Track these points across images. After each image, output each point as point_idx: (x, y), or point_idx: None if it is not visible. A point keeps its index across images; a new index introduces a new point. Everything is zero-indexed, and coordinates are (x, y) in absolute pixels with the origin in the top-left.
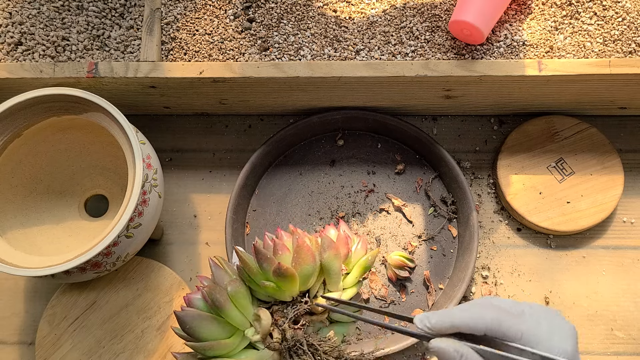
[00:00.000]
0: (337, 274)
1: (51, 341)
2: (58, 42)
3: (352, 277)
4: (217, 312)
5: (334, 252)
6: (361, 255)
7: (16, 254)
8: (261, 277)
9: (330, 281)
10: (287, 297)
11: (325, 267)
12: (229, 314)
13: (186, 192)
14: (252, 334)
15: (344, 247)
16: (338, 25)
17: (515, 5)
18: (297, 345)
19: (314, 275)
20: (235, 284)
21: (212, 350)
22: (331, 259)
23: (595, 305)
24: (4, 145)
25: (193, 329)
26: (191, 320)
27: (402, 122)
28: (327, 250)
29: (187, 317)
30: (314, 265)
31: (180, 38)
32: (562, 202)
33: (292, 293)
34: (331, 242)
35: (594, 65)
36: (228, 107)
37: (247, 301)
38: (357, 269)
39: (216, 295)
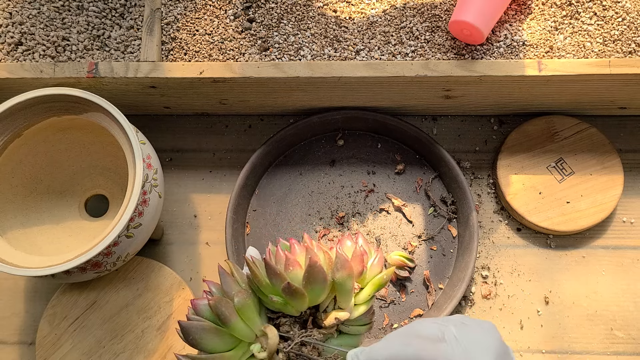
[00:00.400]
0: (348, 292)
1: (51, 341)
2: (58, 42)
3: (365, 294)
4: (222, 325)
5: (348, 272)
6: (376, 272)
7: (16, 254)
8: (270, 290)
9: (341, 299)
10: (294, 313)
11: (338, 286)
12: (235, 327)
13: (186, 192)
14: (258, 350)
15: (358, 265)
16: (338, 25)
17: (515, 6)
18: None
19: (324, 293)
20: (243, 295)
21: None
22: (344, 279)
23: (595, 305)
24: (4, 145)
25: (196, 340)
26: (195, 332)
27: (402, 122)
28: (341, 270)
29: (192, 328)
30: (325, 286)
31: (180, 38)
32: (561, 202)
33: (301, 308)
34: (345, 262)
35: (593, 65)
36: (228, 107)
37: (255, 313)
38: (371, 287)
39: (222, 309)
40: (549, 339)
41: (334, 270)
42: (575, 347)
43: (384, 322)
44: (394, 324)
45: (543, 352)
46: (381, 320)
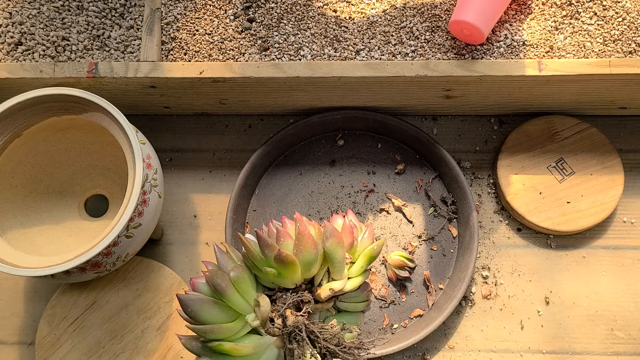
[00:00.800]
0: (340, 262)
1: (51, 341)
2: (58, 42)
3: (358, 266)
4: (219, 297)
5: (337, 240)
6: (367, 245)
7: (16, 254)
8: (263, 263)
9: (334, 270)
10: (289, 285)
11: (328, 255)
12: (231, 298)
13: (186, 192)
14: (252, 319)
15: (348, 236)
16: (338, 25)
17: (515, 5)
18: (296, 332)
19: (316, 263)
20: (239, 270)
21: (213, 334)
22: (334, 247)
23: (596, 305)
24: (4, 145)
25: (195, 312)
26: (193, 304)
27: (402, 122)
28: (330, 239)
29: (189, 300)
30: (315, 254)
31: (180, 38)
32: (562, 202)
33: (294, 280)
34: (334, 231)
35: (594, 65)
36: (228, 107)
37: (250, 287)
38: (363, 259)
39: (217, 280)
40: (550, 339)
41: (323, 239)
42: (575, 348)
43: (384, 323)
44: (394, 324)
45: (544, 352)
46: (381, 320)
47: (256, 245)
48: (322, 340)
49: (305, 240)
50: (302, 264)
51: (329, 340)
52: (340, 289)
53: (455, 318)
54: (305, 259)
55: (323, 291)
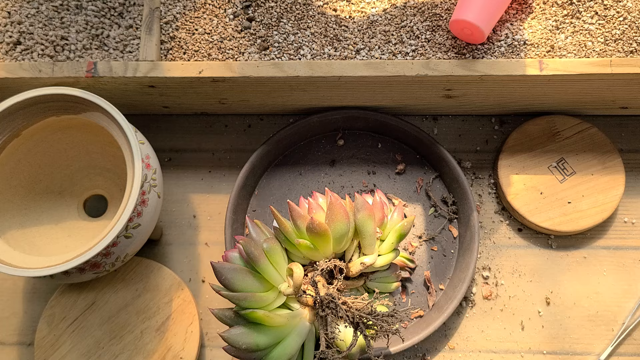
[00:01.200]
0: (371, 235)
1: (50, 342)
2: (57, 42)
3: (388, 243)
4: (252, 267)
5: (368, 212)
6: (397, 222)
7: (15, 254)
8: (296, 235)
9: (364, 243)
10: (321, 258)
11: (360, 228)
12: (264, 268)
13: (185, 192)
14: (285, 288)
15: (379, 211)
16: (338, 24)
17: (516, 5)
18: (330, 299)
19: (348, 235)
20: (271, 241)
21: (247, 301)
22: (365, 219)
23: (596, 305)
24: (3, 145)
25: (229, 280)
26: (227, 272)
27: (403, 122)
28: (361, 211)
29: (224, 268)
30: (347, 224)
31: (179, 37)
32: (563, 202)
33: (326, 253)
34: (365, 203)
35: (595, 65)
36: (228, 107)
37: (282, 259)
38: (393, 235)
39: (251, 249)
40: (550, 339)
41: (354, 211)
42: (576, 348)
43: None
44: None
45: (544, 352)
46: None
47: (289, 221)
48: (355, 309)
49: (337, 210)
50: (335, 234)
51: (361, 309)
52: (371, 263)
53: (456, 319)
54: (338, 230)
55: (354, 265)
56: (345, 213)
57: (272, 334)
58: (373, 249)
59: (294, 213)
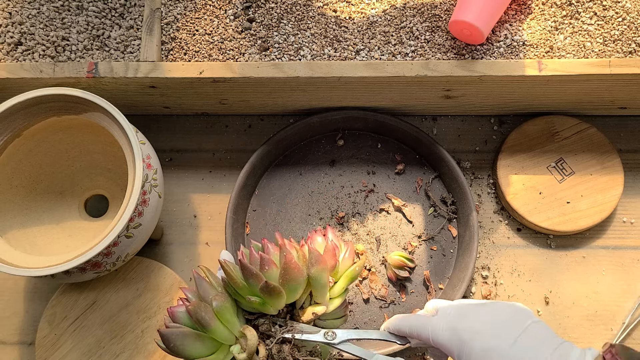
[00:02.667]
0: (324, 286)
1: (51, 341)
2: (58, 42)
3: (339, 287)
4: (202, 330)
5: (322, 266)
6: (348, 265)
7: (16, 254)
8: (247, 292)
9: (317, 294)
10: (272, 311)
11: (313, 281)
12: (215, 330)
13: (186, 192)
14: (238, 352)
15: (331, 259)
16: (338, 25)
17: (515, 5)
18: None
19: (301, 288)
20: (221, 298)
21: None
22: (319, 272)
23: (595, 305)
24: (4, 145)
25: (177, 347)
26: (176, 339)
27: (402, 122)
28: (315, 265)
29: (172, 335)
30: (301, 280)
31: (180, 38)
32: (562, 202)
33: (278, 307)
34: (319, 257)
35: (594, 65)
36: (228, 107)
37: (233, 316)
38: (344, 280)
39: (201, 314)
40: None
41: (308, 265)
42: None
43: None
44: None
45: None
46: (381, 320)
47: (238, 271)
48: None
49: (292, 270)
50: (288, 291)
51: None
52: (323, 312)
53: None
54: (292, 287)
55: (306, 315)
56: (300, 271)
57: None
58: (325, 298)
59: (247, 272)
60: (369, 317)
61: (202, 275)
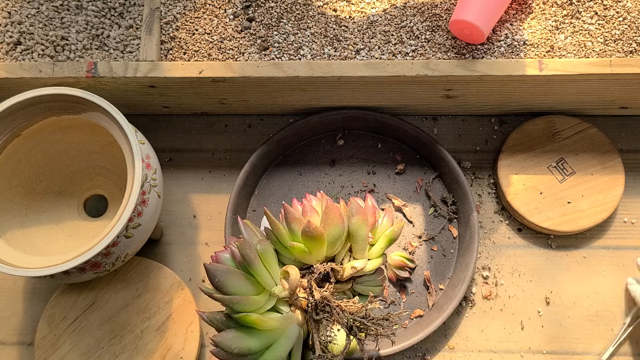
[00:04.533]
0: (364, 240)
1: (50, 341)
2: (57, 42)
3: (378, 247)
4: (246, 270)
5: (362, 217)
6: (387, 227)
7: (15, 254)
8: (289, 238)
9: (356, 248)
10: (313, 262)
11: (353, 233)
12: (258, 270)
13: (185, 192)
14: (280, 291)
15: (371, 216)
16: (338, 24)
17: (516, 5)
18: (325, 303)
19: (342, 239)
20: (265, 243)
21: (240, 305)
22: (359, 224)
23: (596, 305)
24: (3, 145)
25: (222, 282)
26: (221, 274)
27: (403, 122)
28: (355, 215)
29: (217, 270)
30: (342, 228)
31: (179, 37)
32: (562, 202)
33: (319, 256)
34: (359, 208)
35: (594, 65)
36: (228, 107)
37: (275, 261)
38: (383, 240)
39: (246, 251)
40: (550, 339)
41: (349, 216)
42: (576, 348)
43: None
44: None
45: (544, 352)
46: None
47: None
48: (349, 313)
49: (334, 214)
50: (329, 238)
51: (355, 313)
52: (362, 267)
53: (456, 318)
54: (333, 234)
55: (346, 269)
56: (341, 217)
57: (264, 337)
58: (364, 253)
59: (289, 216)
60: None
61: (247, 224)
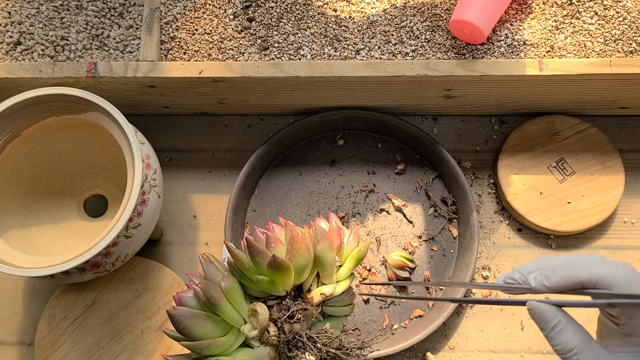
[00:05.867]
0: (331, 265)
1: (50, 341)
2: (57, 42)
3: (346, 269)
4: (211, 310)
5: (328, 242)
6: (353, 247)
7: (15, 254)
8: (254, 271)
9: (324, 273)
10: (281, 292)
11: (320, 259)
12: (225, 310)
13: (185, 192)
14: (249, 330)
15: (337, 238)
16: (338, 24)
17: (516, 5)
18: (297, 338)
19: (309, 267)
20: (229, 279)
21: (209, 349)
22: (325, 250)
23: None
24: (3, 145)
25: (187, 328)
26: (185, 319)
27: (403, 122)
28: (321, 242)
29: (181, 315)
30: (308, 257)
31: (179, 37)
32: (562, 202)
33: (286, 287)
34: (324, 233)
35: (594, 65)
36: (228, 107)
37: (241, 297)
38: (350, 261)
39: (211, 292)
40: None
41: (314, 242)
42: None
43: (384, 323)
44: (394, 324)
45: (544, 352)
46: (381, 321)
47: (244, 253)
48: (322, 345)
49: (299, 245)
50: (296, 269)
51: (328, 344)
52: (331, 292)
53: (456, 318)
54: (299, 264)
55: (315, 296)
56: (307, 247)
57: None
58: (332, 277)
59: (253, 249)
60: (369, 318)
61: (208, 259)
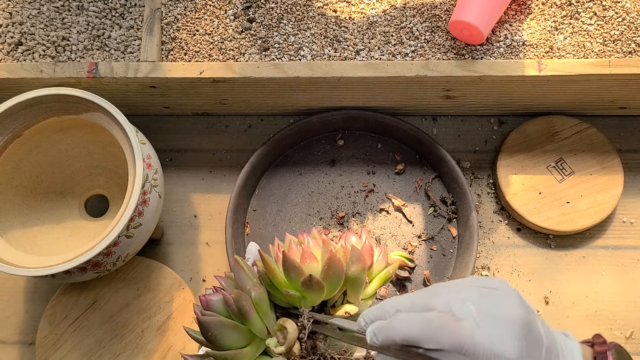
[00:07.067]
0: (360, 286)
1: (51, 341)
2: (58, 42)
3: (372, 288)
4: (239, 320)
5: (362, 265)
6: (382, 267)
7: (16, 254)
8: (286, 285)
9: (352, 293)
10: (307, 306)
11: (351, 280)
12: (253, 322)
13: (186, 192)
14: (275, 345)
15: (369, 259)
16: (338, 25)
17: (515, 6)
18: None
19: (340, 286)
20: (259, 290)
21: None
22: (359, 272)
23: (595, 305)
24: (4, 145)
25: (216, 336)
26: (215, 328)
27: (402, 122)
28: (356, 263)
29: (212, 323)
30: (342, 277)
31: (180, 38)
32: (561, 202)
33: (314, 303)
34: (360, 255)
35: (593, 66)
36: (228, 107)
37: (268, 308)
38: (377, 281)
39: (242, 303)
40: None
41: (349, 263)
42: None
43: None
44: None
45: None
46: None
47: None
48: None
49: (335, 266)
50: (329, 289)
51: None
52: (355, 312)
53: None
54: (333, 284)
55: (339, 313)
56: (342, 269)
57: None
58: (358, 298)
59: (288, 264)
60: None
61: (239, 265)
